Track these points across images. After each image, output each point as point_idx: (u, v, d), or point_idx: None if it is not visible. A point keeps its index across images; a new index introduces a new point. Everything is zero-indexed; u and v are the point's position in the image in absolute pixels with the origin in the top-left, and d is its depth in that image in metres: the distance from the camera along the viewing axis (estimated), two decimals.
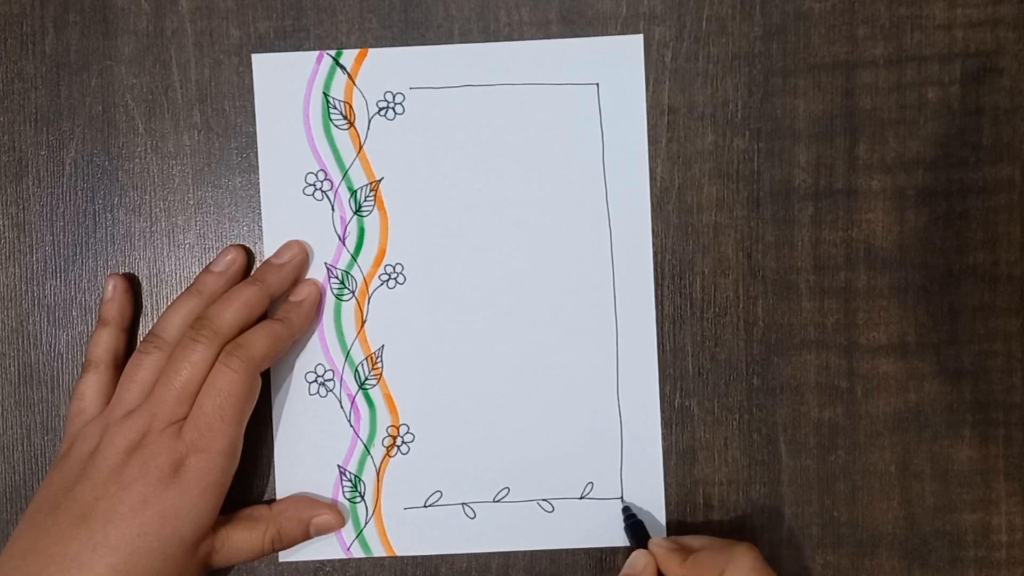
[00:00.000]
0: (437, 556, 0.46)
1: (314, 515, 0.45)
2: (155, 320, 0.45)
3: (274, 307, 0.45)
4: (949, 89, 0.46)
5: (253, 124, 0.46)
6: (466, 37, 0.46)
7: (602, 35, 0.46)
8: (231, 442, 0.42)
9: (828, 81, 0.46)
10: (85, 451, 0.41)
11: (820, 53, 0.46)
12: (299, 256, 0.46)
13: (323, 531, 0.45)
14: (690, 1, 0.46)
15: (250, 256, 0.46)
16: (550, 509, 0.46)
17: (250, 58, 0.46)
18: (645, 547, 0.43)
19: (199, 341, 0.42)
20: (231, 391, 0.41)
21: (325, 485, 0.46)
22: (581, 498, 0.46)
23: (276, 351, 0.44)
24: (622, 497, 0.46)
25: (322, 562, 0.46)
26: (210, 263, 0.46)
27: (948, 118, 0.46)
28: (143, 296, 0.47)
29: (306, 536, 0.45)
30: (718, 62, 0.46)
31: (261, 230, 0.46)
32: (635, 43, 0.46)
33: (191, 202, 0.47)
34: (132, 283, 0.46)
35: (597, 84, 0.46)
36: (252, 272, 0.46)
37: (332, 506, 0.46)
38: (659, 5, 0.46)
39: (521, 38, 0.46)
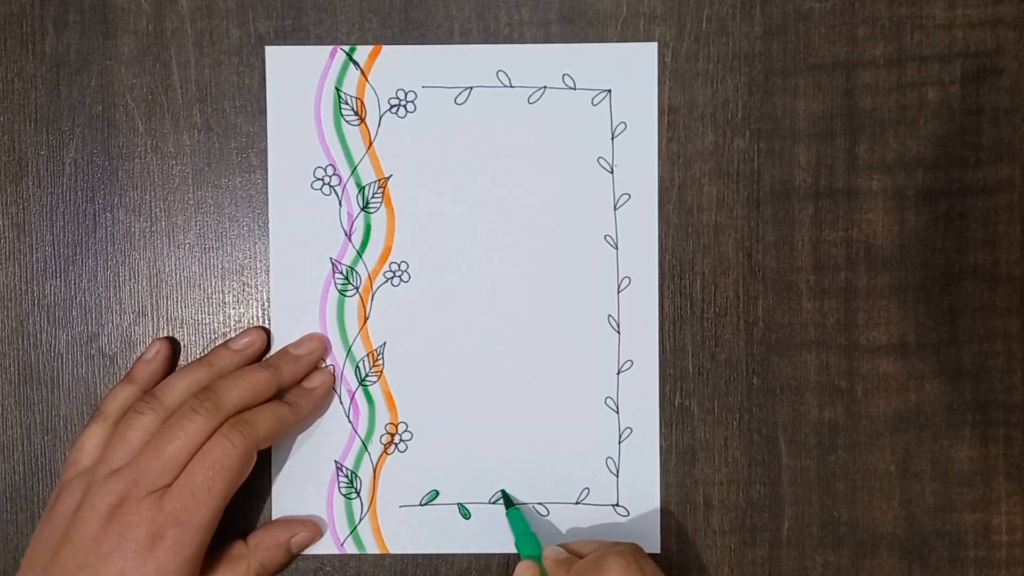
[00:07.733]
0: (437, 556, 0.46)
1: (291, 535, 0.45)
2: (155, 320, 0.45)
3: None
4: (949, 89, 0.46)
5: (253, 124, 0.46)
6: (466, 37, 0.46)
7: (602, 35, 0.46)
8: (213, 516, 0.41)
9: (828, 81, 0.46)
10: (69, 507, 0.41)
11: (820, 53, 0.46)
12: (318, 351, 0.46)
13: (304, 547, 0.46)
14: (690, 1, 0.46)
15: (269, 339, 0.46)
16: (545, 513, 0.46)
17: (250, 58, 0.46)
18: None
19: (199, 413, 0.41)
20: (225, 464, 0.41)
21: (321, 480, 0.46)
22: (576, 503, 0.46)
23: (279, 434, 0.43)
24: (617, 504, 0.46)
25: (322, 562, 0.46)
26: (229, 339, 0.45)
27: (948, 118, 0.46)
28: (143, 296, 0.47)
29: (289, 557, 0.45)
30: (718, 62, 0.46)
31: (262, 230, 0.46)
32: (649, 51, 0.46)
33: (191, 202, 0.47)
34: (174, 349, 0.46)
35: (609, 90, 0.46)
36: (268, 354, 0.46)
37: (307, 521, 0.46)
38: (659, 5, 0.46)
39: (521, 38, 0.46)
